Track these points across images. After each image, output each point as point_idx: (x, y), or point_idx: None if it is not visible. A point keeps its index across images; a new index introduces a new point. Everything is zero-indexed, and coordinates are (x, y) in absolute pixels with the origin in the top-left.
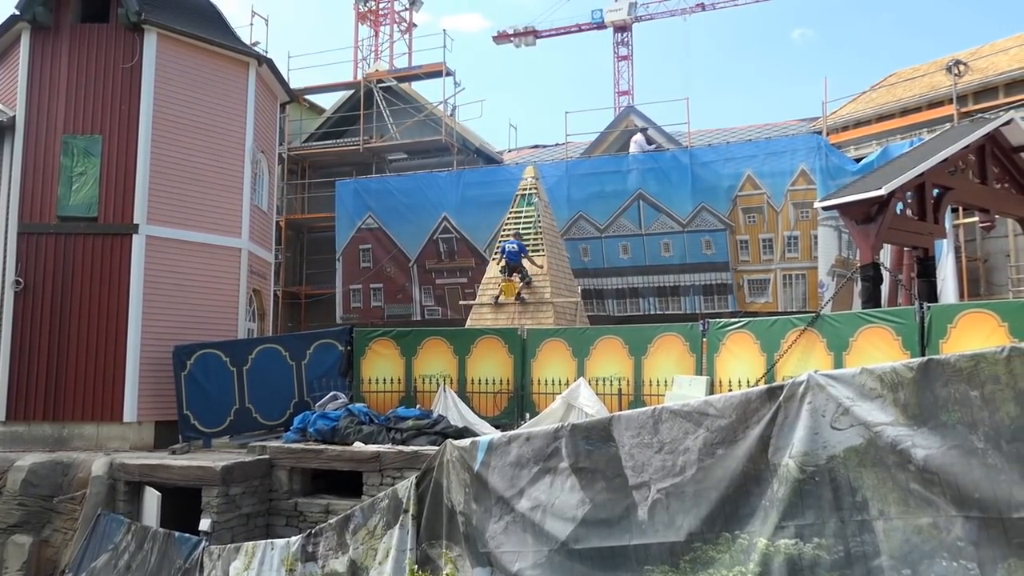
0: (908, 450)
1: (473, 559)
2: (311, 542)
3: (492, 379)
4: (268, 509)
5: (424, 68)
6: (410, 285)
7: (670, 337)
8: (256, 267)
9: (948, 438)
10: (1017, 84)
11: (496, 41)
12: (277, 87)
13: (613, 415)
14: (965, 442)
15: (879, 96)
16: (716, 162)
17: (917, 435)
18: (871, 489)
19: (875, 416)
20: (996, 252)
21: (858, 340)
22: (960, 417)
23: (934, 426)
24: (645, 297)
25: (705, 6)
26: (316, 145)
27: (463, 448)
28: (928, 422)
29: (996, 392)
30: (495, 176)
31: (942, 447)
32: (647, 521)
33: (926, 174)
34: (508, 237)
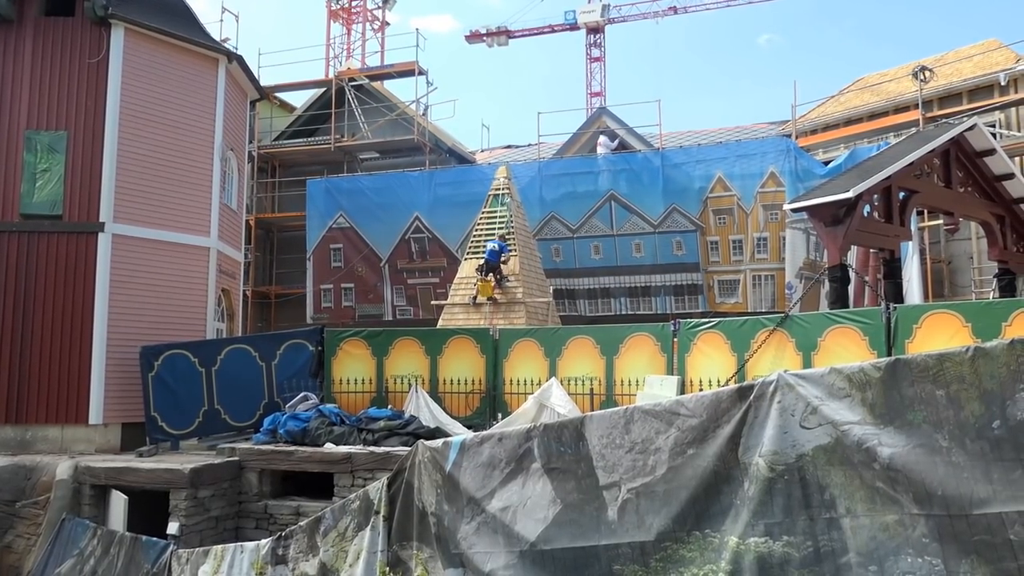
0: (874, 448)
1: (445, 560)
2: (281, 545)
3: (464, 379)
4: (237, 512)
5: (396, 67)
6: (382, 285)
7: (641, 337)
8: (225, 266)
9: (913, 437)
10: (980, 90)
11: (469, 40)
12: (247, 84)
13: (585, 415)
14: (930, 441)
15: (847, 100)
16: (687, 164)
17: (883, 434)
18: (839, 487)
19: (843, 415)
20: (960, 254)
21: (826, 340)
22: (926, 416)
23: (900, 425)
24: (617, 297)
25: (677, 9)
26: (287, 143)
27: (435, 449)
28: (894, 421)
29: (961, 391)
30: (467, 176)
31: (907, 446)
32: (617, 521)
33: (892, 177)
34: (480, 237)
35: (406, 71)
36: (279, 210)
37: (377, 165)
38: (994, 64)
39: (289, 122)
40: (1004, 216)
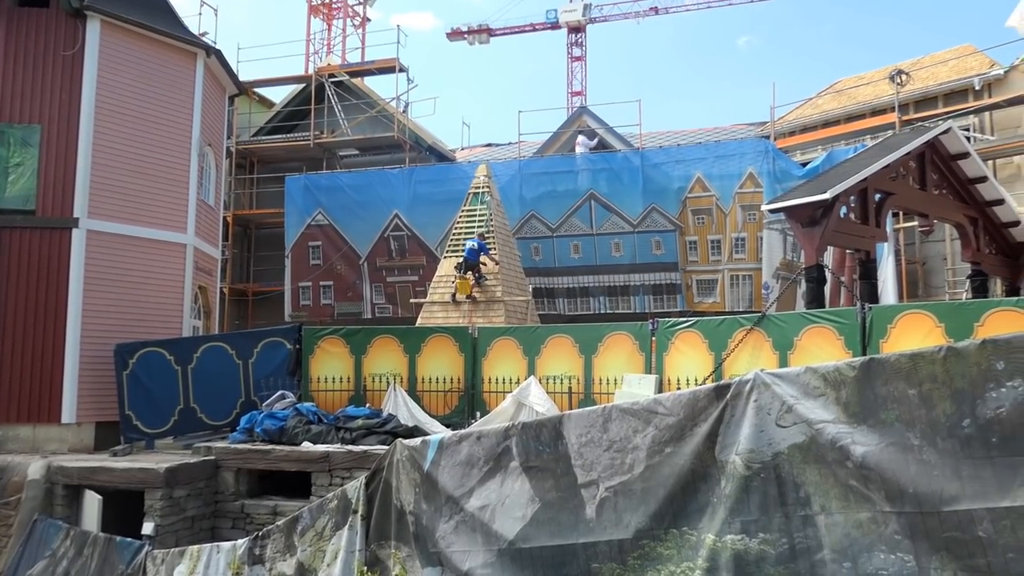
0: (847, 447)
1: (423, 559)
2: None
3: (443, 378)
4: (214, 511)
5: (377, 63)
6: (360, 283)
7: (620, 336)
8: (202, 263)
9: (886, 435)
10: (955, 94)
11: (450, 38)
12: (226, 79)
13: (564, 414)
14: (902, 439)
15: (825, 103)
16: (666, 164)
17: (857, 432)
18: (813, 485)
19: (817, 414)
20: (934, 255)
21: (803, 339)
22: (898, 415)
23: (873, 424)
24: (595, 296)
25: (658, 10)
26: (265, 139)
27: (413, 447)
28: (868, 420)
29: (933, 390)
30: (447, 174)
31: (880, 444)
32: (595, 519)
33: (869, 179)
34: (460, 235)
35: (387, 68)
36: (257, 207)
37: (356, 162)
38: (969, 69)
39: (268, 118)
40: (977, 218)
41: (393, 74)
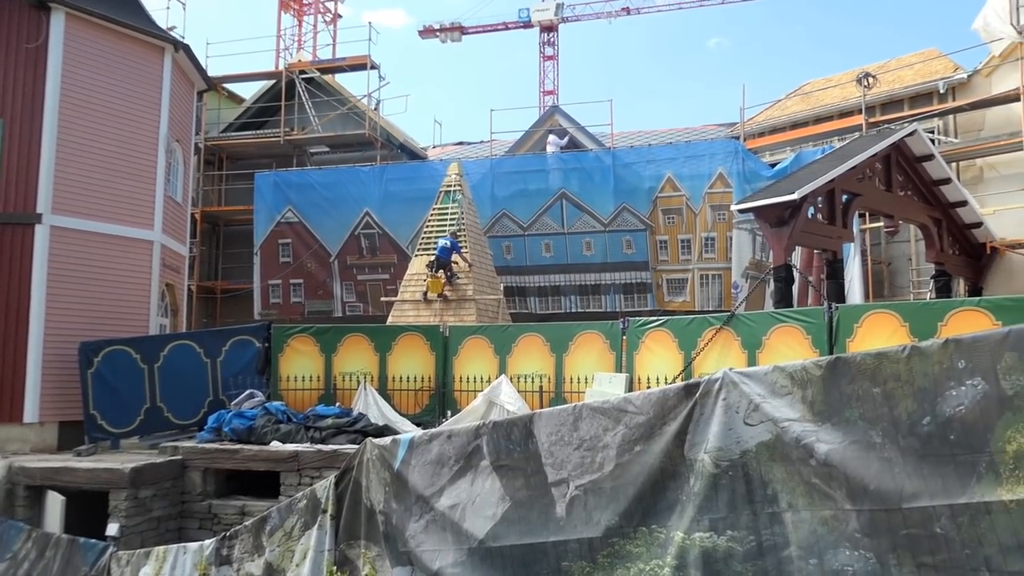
0: (812, 445)
1: (393, 559)
2: (226, 545)
3: (414, 376)
4: (180, 512)
5: (348, 60)
6: (331, 281)
7: (591, 335)
8: (169, 260)
9: (849, 433)
10: (921, 97)
11: (422, 36)
12: (194, 74)
13: (534, 413)
14: (865, 437)
15: (793, 104)
16: (637, 164)
17: (821, 431)
18: (780, 483)
19: (783, 412)
20: (899, 256)
21: (771, 338)
22: (862, 413)
23: (837, 422)
24: (567, 295)
25: (630, 10)
26: (235, 136)
27: (383, 446)
28: (832, 418)
29: (896, 389)
30: (419, 172)
31: (843, 442)
32: (565, 518)
33: (836, 180)
34: (431, 234)
35: (358, 65)
36: (226, 203)
37: (327, 159)
38: (933, 72)
39: (237, 114)
40: (941, 220)
41: (364, 71)
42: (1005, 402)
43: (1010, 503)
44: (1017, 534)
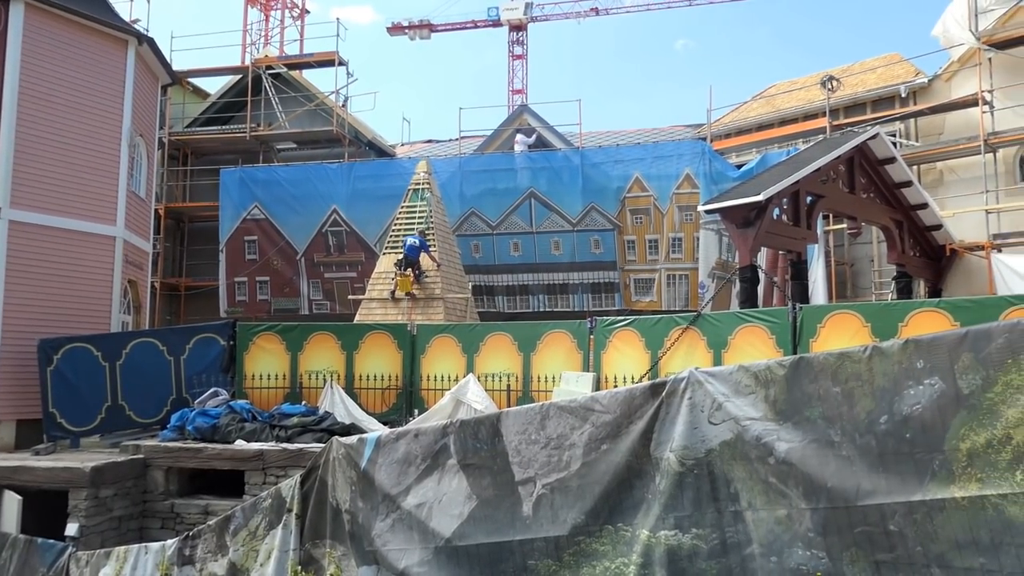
0: (771, 444)
1: (358, 558)
2: (188, 545)
3: (381, 375)
4: (142, 511)
5: (316, 56)
6: (298, 279)
7: (559, 334)
8: (132, 257)
9: (809, 432)
10: (883, 101)
11: (390, 32)
12: (159, 68)
13: (502, 411)
14: (824, 436)
15: (759, 106)
16: (606, 163)
17: (782, 429)
18: (741, 481)
19: (745, 411)
20: (861, 257)
21: (736, 338)
22: (822, 412)
23: (798, 421)
24: (535, 294)
25: (599, 10)
26: (200, 131)
27: (350, 445)
28: (793, 417)
29: (856, 388)
30: (387, 170)
31: (803, 441)
32: (532, 516)
33: (800, 182)
34: (399, 232)
35: (326, 61)
36: (191, 199)
37: (294, 156)
38: (895, 77)
39: (203, 109)
40: (902, 222)
41: (332, 67)
42: (961, 401)
43: (962, 500)
44: (969, 530)
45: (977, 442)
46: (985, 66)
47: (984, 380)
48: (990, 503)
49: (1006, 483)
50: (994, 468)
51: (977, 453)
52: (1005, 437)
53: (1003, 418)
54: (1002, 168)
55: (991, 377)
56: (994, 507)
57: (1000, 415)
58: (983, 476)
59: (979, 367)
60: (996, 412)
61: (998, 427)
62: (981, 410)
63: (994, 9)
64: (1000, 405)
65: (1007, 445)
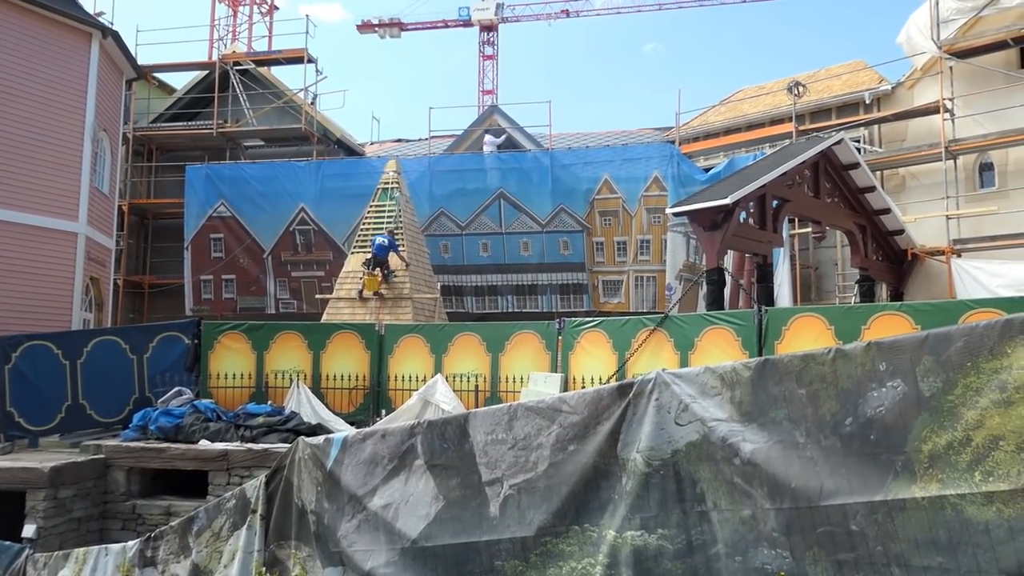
0: (737, 445)
1: (324, 559)
2: (150, 546)
3: (348, 375)
4: (103, 512)
5: (285, 53)
6: (264, 277)
7: (527, 335)
8: (94, 253)
9: (774, 433)
10: (848, 107)
11: (360, 30)
12: (123, 62)
13: (470, 412)
14: (789, 437)
15: (727, 111)
16: (575, 165)
17: (748, 431)
18: (707, 482)
19: (711, 412)
20: (826, 261)
21: (703, 340)
22: (787, 413)
23: (763, 422)
24: (504, 295)
25: (569, 13)
26: (165, 126)
27: (316, 445)
28: (759, 418)
29: (820, 390)
30: (356, 168)
31: (768, 442)
32: (499, 517)
33: (767, 186)
34: (368, 231)
35: (294, 58)
36: (155, 196)
37: (262, 153)
38: (860, 83)
39: (168, 104)
40: (866, 226)
41: (301, 65)
42: (922, 403)
43: (923, 500)
44: (928, 530)
45: (938, 443)
46: (946, 75)
47: (945, 383)
48: (949, 503)
49: (965, 483)
50: (954, 469)
51: (938, 454)
52: (965, 439)
53: (963, 420)
54: (962, 175)
55: (951, 380)
56: (953, 507)
57: (960, 417)
58: (943, 477)
59: (940, 370)
60: (956, 414)
61: (958, 429)
62: (942, 412)
63: (956, 19)
64: (960, 407)
65: (966, 447)
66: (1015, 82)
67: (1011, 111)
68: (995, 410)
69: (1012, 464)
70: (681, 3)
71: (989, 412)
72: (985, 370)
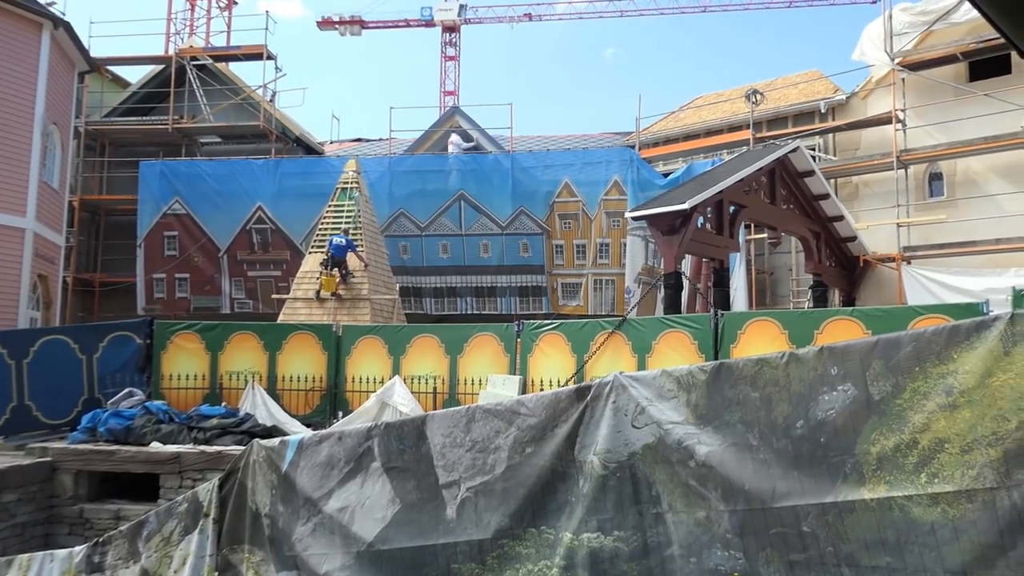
0: (692, 447)
1: (278, 563)
2: (98, 552)
3: (305, 376)
4: (48, 517)
5: (243, 49)
6: (219, 276)
7: (486, 337)
8: (43, 250)
9: (729, 436)
10: (804, 115)
11: (320, 27)
12: (76, 54)
13: (428, 414)
14: (743, 439)
15: (686, 117)
16: (536, 168)
17: (703, 433)
18: (662, 484)
19: (667, 415)
20: (780, 266)
21: (660, 343)
22: (741, 416)
23: (718, 425)
24: (463, 297)
25: (532, 16)
26: (119, 121)
27: (271, 448)
28: (714, 421)
29: (774, 394)
30: (315, 167)
31: (723, 444)
32: (455, 519)
33: (724, 192)
34: (326, 231)
35: (253, 54)
36: (108, 192)
37: (218, 150)
38: (816, 93)
39: (123, 98)
40: (820, 233)
41: (260, 61)
42: (872, 406)
43: (871, 501)
44: (877, 530)
45: (886, 446)
46: (899, 86)
47: (894, 387)
48: (896, 504)
49: (911, 485)
50: (901, 471)
51: (886, 457)
52: (912, 441)
53: (910, 423)
54: (913, 184)
55: (900, 384)
56: (900, 508)
57: (908, 420)
58: (891, 479)
59: (889, 374)
60: (904, 418)
61: (906, 432)
62: (891, 416)
63: (908, 32)
64: (908, 411)
65: (913, 449)
66: (964, 95)
67: (960, 123)
68: (941, 414)
69: (956, 466)
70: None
71: (935, 416)
72: (932, 375)
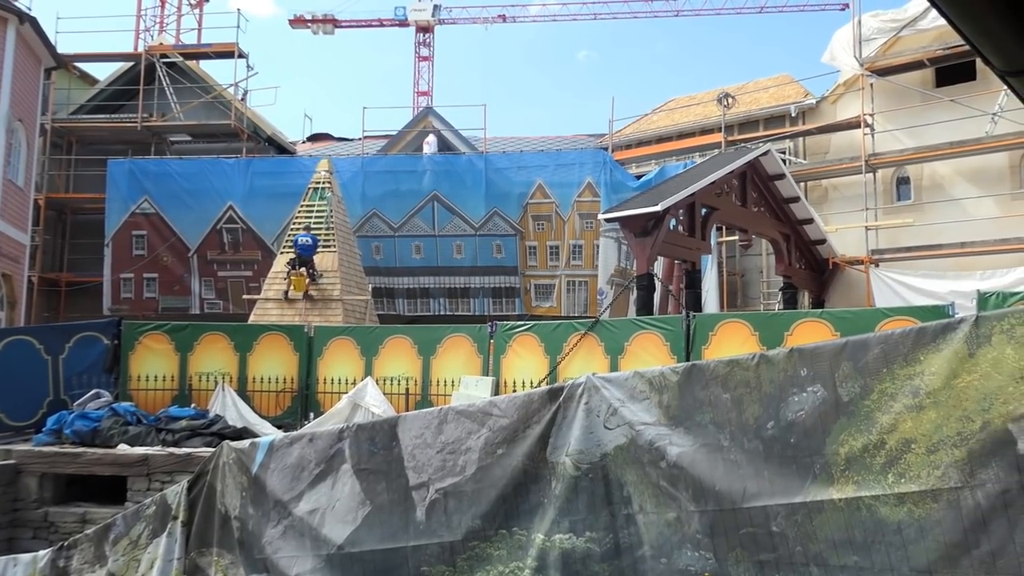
0: (664, 448)
1: (248, 566)
2: (63, 556)
3: (276, 377)
4: (12, 521)
5: (214, 47)
6: (189, 276)
7: (459, 338)
8: (6, 249)
9: (700, 437)
10: (774, 119)
11: (292, 25)
12: (42, 50)
13: (400, 415)
14: (714, 440)
15: (659, 119)
16: (509, 169)
17: (674, 434)
18: (634, 485)
19: (639, 416)
20: (751, 268)
21: (632, 345)
22: (713, 417)
23: (689, 426)
24: (436, 298)
25: (506, 18)
26: (86, 118)
27: (241, 450)
28: (685, 422)
29: (744, 395)
30: (287, 167)
31: (694, 445)
32: (425, 521)
33: (696, 194)
34: (298, 231)
35: (224, 52)
36: (75, 190)
37: (189, 149)
38: (786, 97)
39: (90, 96)
40: (790, 235)
41: (231, 59)
42: (841, 408)
43: (839, 501)
44: (845, 530)
45: (855, 447)
46: (867, 91)
47: (862, 388)
48: (864, 504)
49: (879, 485)
50: (869, 471)
51: (854, 457)
52: (879, 442)
53: (878, 424)
54: (881, 187)
55: (868, 385)
56: (867, 508)
57: (875, 421)
58: (859, 479)
59: (857, 376)
60: (872, 419)
61: (873, 433)
62: (859, 417)
63: (876, 38)
64: (876, 412)
65: (881, 450)
66: (931, 100)
67: (927, 128)
68: (908, 415)
69: (922, 466)
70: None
71: (902, 416)
72: (900, 376)
